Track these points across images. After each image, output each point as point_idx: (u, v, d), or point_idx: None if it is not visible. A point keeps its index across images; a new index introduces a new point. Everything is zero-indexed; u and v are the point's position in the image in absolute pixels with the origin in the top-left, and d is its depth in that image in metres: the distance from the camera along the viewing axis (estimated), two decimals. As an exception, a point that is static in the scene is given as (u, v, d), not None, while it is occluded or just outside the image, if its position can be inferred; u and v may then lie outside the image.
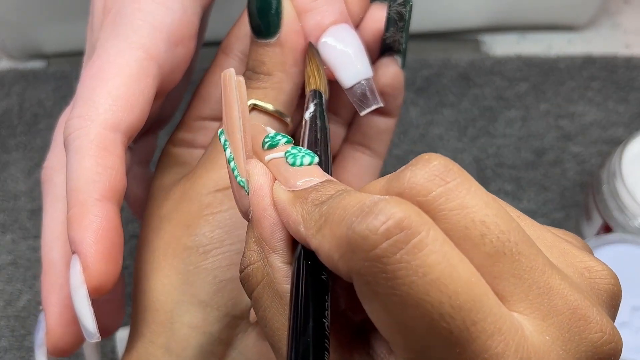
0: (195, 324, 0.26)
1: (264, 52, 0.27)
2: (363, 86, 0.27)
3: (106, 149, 0.25)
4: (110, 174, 0.25)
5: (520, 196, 0.49)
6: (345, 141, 0.33)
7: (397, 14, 0.29)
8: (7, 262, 0.46)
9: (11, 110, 0.52)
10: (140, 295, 0.27)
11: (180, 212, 0.27)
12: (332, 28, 0.27)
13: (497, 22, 0.56)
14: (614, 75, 0.54)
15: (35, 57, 0.56)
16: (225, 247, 0.26)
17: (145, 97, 0.26)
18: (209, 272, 0.26)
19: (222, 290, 0.26)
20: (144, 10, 0.27)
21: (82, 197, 0.24)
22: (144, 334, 0.27)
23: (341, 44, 0.27)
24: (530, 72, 0.54)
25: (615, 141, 0.51)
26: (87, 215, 0.24)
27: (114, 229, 0.25)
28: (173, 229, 0.27)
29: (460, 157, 0.50)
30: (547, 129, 0.51)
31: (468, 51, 0.56)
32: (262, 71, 0.27)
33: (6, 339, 0.43)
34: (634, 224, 0.41)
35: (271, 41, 0.27)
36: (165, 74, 0.27)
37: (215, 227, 0.26)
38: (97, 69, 0.26)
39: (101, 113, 0.25)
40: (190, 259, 0.26)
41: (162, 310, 0.26)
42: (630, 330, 0.37)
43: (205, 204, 0.26)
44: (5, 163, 0.50)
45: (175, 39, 0.27)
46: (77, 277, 0.24)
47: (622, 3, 0.60)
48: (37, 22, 0.52)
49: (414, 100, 0.52)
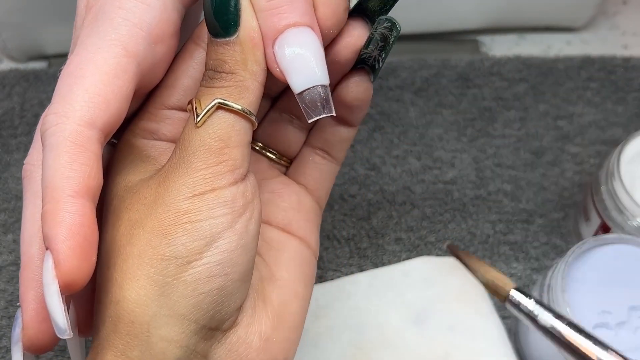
0: (172, 337, 0.26)
1: (224, 51, 0.26)
2: (313, 93, 0.27)
3: (81, 146, 0.25)
4: (85, 170, 0.24)
5: (519, 196, 0.49)
6: (306, 144, 0.33)
7: (382, 35, 0.28)
8: (8, 262, 0.46)
9: (12, 110, 0.52)
10: (111, 304, 0.26)
11: (155, 219, 0.26)
12: (288, 30, 0.26)
13: (496, 23, 0.57)
14: (612, 76, 0.54)
15: (37, 57, 0.56)
16: (205, 258, 0.26)
17: (123, 95, 0.26)
18: (187, 284, 0.25)
19: (200, 303, 0.26)
20: (124, 7, 0.27)
21: (55, 193, 0.24)
22: (115, 346, 0.26)
23: (296, 47, 0.26)
24: (529, 73, 0.54)
25: (613, 142, 0.51)
26: (60, 212, 0.24)
27: (87, 226, 0.24)
28: (148, 237, 0.26)
29: (460, 157, 0.50)
30: (545, 129, 0.52)
31: (467, 52, 0.56)
32: (223, 70, 0.26)
33: (7, 339, 0.44)
34: (632, 224, 0.41)
35: (230, 40, 0.26)
36: (145, 72, 0.27)
37: (194, 238, 0.25)
38: (74, 66, 0.26)
39: (77, 110, 0.25)
40: (167, 270, 0.25)
41: (138, 323, 0.25)
42: (629, 330, 0.37)
43: (183, 211, 0.26)
44: (6, 163, 0.50)
45: (156, 36, 0.27)
46: (48, 273, 0.24)
47: (620, 4, 0.60)
48: (38, 23, 0.52)
49: (413, 101, 0.53)
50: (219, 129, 0.26)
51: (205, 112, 0.26)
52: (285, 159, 0.33)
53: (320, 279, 0.45)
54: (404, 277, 0.45)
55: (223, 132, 0.26)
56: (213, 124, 0.26)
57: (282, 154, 0.33)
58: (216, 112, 0.26)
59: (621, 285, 0.38)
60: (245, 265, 0.27)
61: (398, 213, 0.48)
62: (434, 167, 0.50)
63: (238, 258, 0.26)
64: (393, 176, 0.50)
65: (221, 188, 0.26)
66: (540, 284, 0.40)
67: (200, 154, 0.26)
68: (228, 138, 0.26)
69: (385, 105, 0.52)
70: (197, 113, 0.26)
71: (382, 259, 0.46)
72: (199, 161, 0.26)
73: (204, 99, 0.26)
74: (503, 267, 0.46)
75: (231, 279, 0.26)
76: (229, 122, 0.26)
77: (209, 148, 0.26)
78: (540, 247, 0.47)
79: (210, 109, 0.26)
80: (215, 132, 0.26)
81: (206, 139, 0.26)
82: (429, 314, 0.43)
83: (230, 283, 0.26)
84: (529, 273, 0.46)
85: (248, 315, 0.28)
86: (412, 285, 0.44)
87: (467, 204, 0.48)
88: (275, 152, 0.33)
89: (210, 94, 0.26)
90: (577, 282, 0.38)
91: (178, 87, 0.29)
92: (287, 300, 0.30)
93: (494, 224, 0.48)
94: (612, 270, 0.39)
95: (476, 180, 0.49)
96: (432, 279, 0.44)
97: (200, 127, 0.26)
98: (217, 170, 0.26)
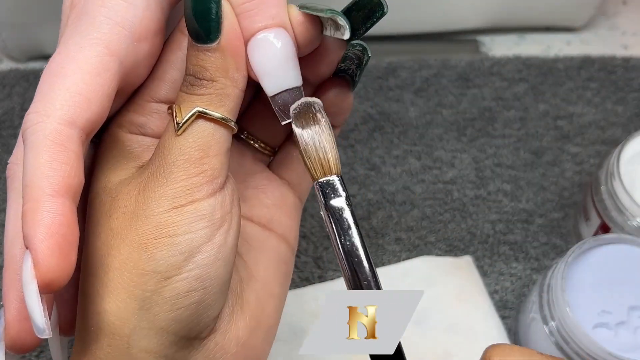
0: (151, 349, 0.26)
1: (205, 57, 0.26)
2: (286, 96, 0.27)
3: (61, 145, 0.24)
4: (65, 169, 0.24)
5: (519, 196, 0.49)
6: (289, 140, 0.33)
7: (355, 55, 0.29)
8: (8, 261, 0.46)
9: (12, 110, 0.52)
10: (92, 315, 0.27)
11: (135, 232, 0.26)
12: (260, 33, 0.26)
13: (496, 23, 0.57)
14: (612, 76, 0.54)
15: (37, 57, 0.56)
16: (184, 273, 0.26)
17: (104, 93, 0.26)
18: (166, 300, 0.26)
19: (179, 316, 0.26)
20: (106, 6, 0.26)
21: (35, 192, 0.24)
22: (96, 356, 0.26)
23: (267, 50, 0.26)
24: (529, 73, 0.54)
25: (613, 142, 0.51)
26: (39, 211, 0.24)
27: (67, 225, 0.24)
28: (128, 250, 0.26)
29: (460, 157, 0.50)
30: (545, 129, 0.52)
31: (467, 52, 0.57)
32: (204, 77, 0.26)
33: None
34: (632, 224, 0.41)
35: (212, 46, 0.26)
36: (128, 70, 0.27)
37: (173, 253, 0.26)
38: (56, 64, 0.26)
39: (58, 109, 0.25)
40: (147, 285, 0.26)
41: (118, 335, 0.26)
42: (628, 329, 0.37)
43: (162, 224, 0.26)
44: (6, 163, 0.50)
45: (139, 34, 0.27)
46: (28, 273, 0.24)
47: (620, 4, 0.60)
48: (38, 23, 0.52)
49: (413, 101, 0.53)
50: (199, 137, 0.26)
51: (185, 121, 0.26)
52: (270, 148, 0.34)
53: (320, 279, 0.45)
54: (404, 277, 0.45)
55: (203, 141, 0.26)
56: (193, 133, 0.26)
57: (267, 143, 0.33)
58: (196, 120, 0.26)
59: (621, 285, 0.38)
60: (224, 277, 0.27)
61: (398, 213, 0.48)
62: (433, 167, 0.50)
63: (217, 271, 0.26)
64: (393, 176, 0.50)
65: (200, 200, 0.26)
66: (540, 284, 0.40)
67: (180, 163, 0.26)
68: (208, 147, 0.26)
69: (385, 105, 0.52)
70: (177, 121, 0.26)
71: (382, 259, 0.46)
72: (179, 171, 0.26)
73: (184, 106, 0.26)
74: (503, 267, 0.46)
75: (210, 292, 0.26)
76: (208, 131, 0.26)
77: (188, 158, 0.26)
78: (540, 247, 0.47)
79: (190, 117, 0.26)
80: (195, 141, 0.26)
81: (186, 148, 0.26)
82: (429, 313, 0.43)
83: (209, 296, 0.26)
84: (529, 273, 0.46)
85: (225, 322, 0.28)
86: (412, 285, 0.44)
87: (467, 204, 0.48)
88: (260, 142, 0.33)
89: (191, 102, 0.26)
90: (577, 282, 0.38)
91: (166, 80, 0.29)
92: (264, 302, 0.30)
93: (493, 223, 0.48)
94: (612, 270, 0.39)
95: (476, 180, 0.49)
96: (432, 279, 0.44)
97: (180, 135, 0.26)
98: (196, 182, 0.26)
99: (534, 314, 0.40)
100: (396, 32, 0.56)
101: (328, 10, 0.26)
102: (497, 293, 0.45)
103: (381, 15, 0.26)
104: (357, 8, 0.27)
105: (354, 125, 0.52)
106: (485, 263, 0.46)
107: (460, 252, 0.47)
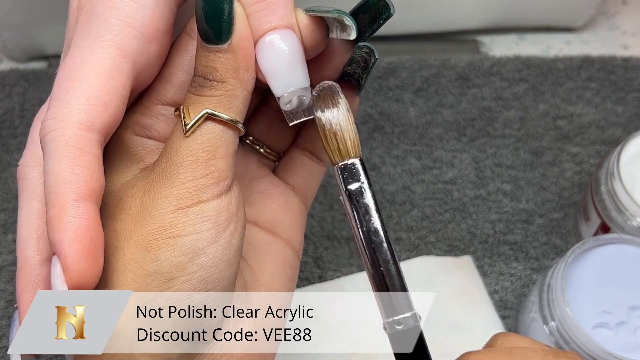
0: (154, 352, 0.26)
1: (216, 58, 0.26)
2: (294, 96, 0.27)
3: (82, 149, 0.25)
4: (87, 174, 0.25)
5: (519, 196, 0.49)
6: (294, 145, 0.33)
7: (362, 57, 0.28)
8: (8, 262, 0.46)
9: (12, 110, 0.52)
10: None
11: (140, 232, 0.26)
12: (269, 34, 0.26)
13: (496, 23, 0.57)
14: (612, 76, 0.54)
15: (37, 57, 0.56)
16: (188, 275, 0.26)
17: (119, 95, 0.26)
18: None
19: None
20: (116, 7, 0.26)
21: (59, 198, 0.24)
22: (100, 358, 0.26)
23: (275, 51, 0.26)
24: (529, 73, 0.54)
25: (613, 142, 0.51)
26: (64, 216, 0.24)
27: (93, 229, 0.24)
28: (133, 251, 0.26)
29: (459, 157, 0.50)
30: (545, 129, 0.52)
31: (467, 52, 0.57)
32: (214, 78, 0.26)
33: (7, 339, 0.44)
34: (632, 224, 0.41)
35: (222, 47, 0.26)
36: (140, 71, 0.27)
37: (178, 254, 0.25)
38: (70, 68, 0.26)
39: (75, 113, 0.25)
40: (151, 286, 0.26)
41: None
42: (628, 329, 0.37)
43: (167, 225, 0.26)
44: (6, 163, 0.50)
45: (149, 35, 0.27)
46: (57, 279, 0.24)
47: (620, 4, 0.60)
48: (38, 23, 0.52)
49: (413, 101, 0.53)
50: (207, 139, 0.26)
51: (194, 122, 0.26)
52: (275, 154, 0.33)
53: (320, 279, 0.45)
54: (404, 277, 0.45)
55: (211, 143, 0.26)
56: (201, 135, 0.26)
57: (272, 148, 0.33)
58: (205, 122, 0.26)
59: (621, 285, 0.38)
60: (228, 279, 0.27)
61: (398, 213, 0.48)
62: (433, 167, 0.50)
63: (220, 273, 0.26)
64: (393, 176, 0.50)
65: (206, 201, 0.26)
66: (540, 284, 0.40)
67: (187, 164, 0.26)
68: (215, 149, 0.26)
69: (385, 105, 0.52)
70: (186, 123, 0.26)
71: (382, 259, 0.46)
72: (186, 172, 0.26)
73: (193, 108, 0.26)
74: (503, 267, 0.46)
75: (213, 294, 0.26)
76: (217, 133, 0.26)
77: (196, 159, 0.26)
78: (540, 247, 0.47)
79: (199, 119, 0.26)
80: (203, 142, 0.26)
81: (194, 149, 0.26)
82: (429, 313, 0.43)
83: (212, 298, 0.26)
84: (529, 273, 0.46)
85: (231, 326, 0.28)
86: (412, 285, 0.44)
87: (467, 204, 0.49)
88: (265, 147, 0.33)
89: (199, 103, 0.26)
90: (577, 282, 0.38)
91: (173, 82, 0.29)
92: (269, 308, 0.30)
93: (493, 223, 0.48)
94: (612, 270, 0.39)
95: (476, 180, 0.49)
96: (432, 279, 0.44)
97: (188, 136, 0.26)
98: (203, 183, 0.26)
99: (534, 314, 0.40)
100: (396, 32, 0.56)
101: (334, 10, 0.26)
102: (497, 293, 0.45)
103: (387, 17, 0.26)
104: (364, 10, 0.27)
105: (354, 125, 0.52)
106: (485, 263, 0.46)
107: (460, 252, 0.47)
